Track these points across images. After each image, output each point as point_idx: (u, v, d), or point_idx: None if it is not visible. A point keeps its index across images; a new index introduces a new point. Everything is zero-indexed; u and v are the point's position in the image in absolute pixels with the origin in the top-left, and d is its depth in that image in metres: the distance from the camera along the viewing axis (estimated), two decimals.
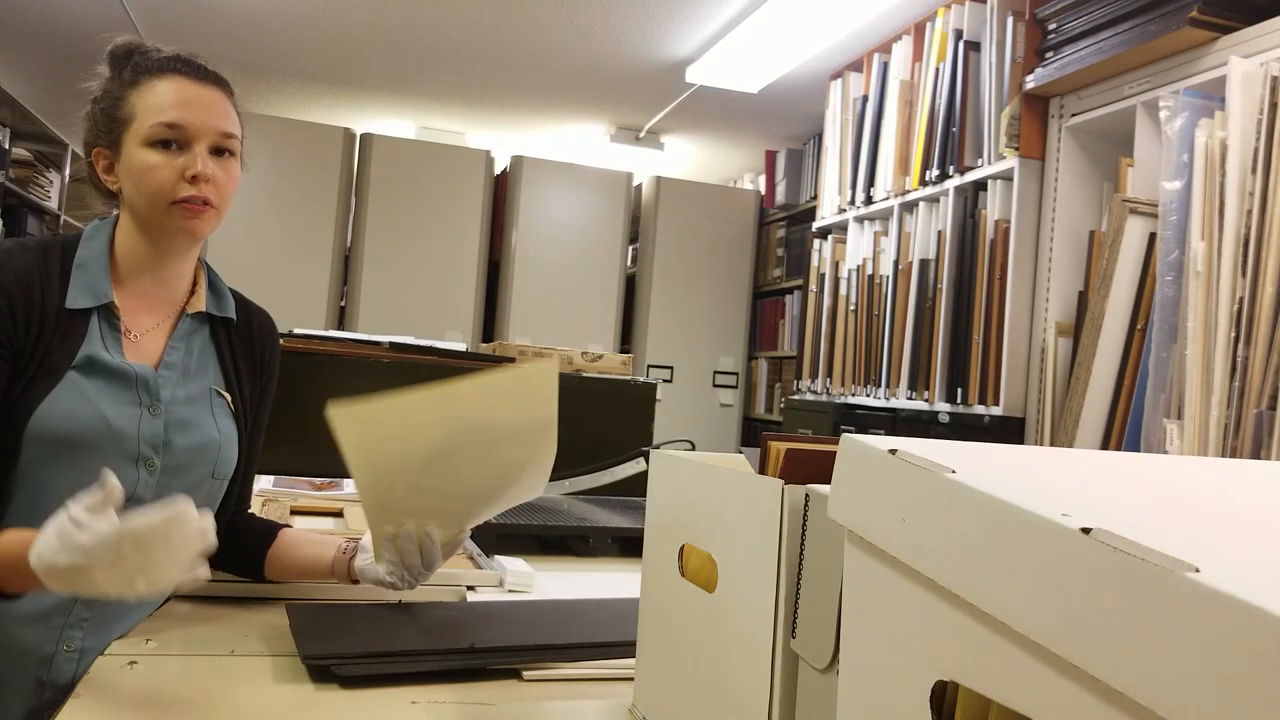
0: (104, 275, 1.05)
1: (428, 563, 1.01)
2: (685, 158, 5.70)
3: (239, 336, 1.16)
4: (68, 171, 5.08)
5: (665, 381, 4.85)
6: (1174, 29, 2.15)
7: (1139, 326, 2.21)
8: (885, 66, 3.44)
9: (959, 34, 2.97)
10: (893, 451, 0.48)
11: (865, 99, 3.52)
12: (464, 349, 2.36)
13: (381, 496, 0.96)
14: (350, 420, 0.86)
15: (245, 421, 1.14)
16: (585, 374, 2.26)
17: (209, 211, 1.06)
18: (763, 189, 5.22)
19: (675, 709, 0.73)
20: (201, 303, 1.13)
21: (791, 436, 0.67)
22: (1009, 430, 2.61)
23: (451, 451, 0.93)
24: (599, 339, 4.78)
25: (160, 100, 1.05)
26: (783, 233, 4.96)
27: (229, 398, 1.12)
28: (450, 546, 1.03)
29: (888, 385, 3.19)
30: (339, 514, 1.58)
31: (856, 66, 3.67)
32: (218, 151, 1.07)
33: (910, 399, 3.05)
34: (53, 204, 4.95)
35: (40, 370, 0.98)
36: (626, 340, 4.98)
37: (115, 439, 1.00)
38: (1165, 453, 2.02)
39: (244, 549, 1.13)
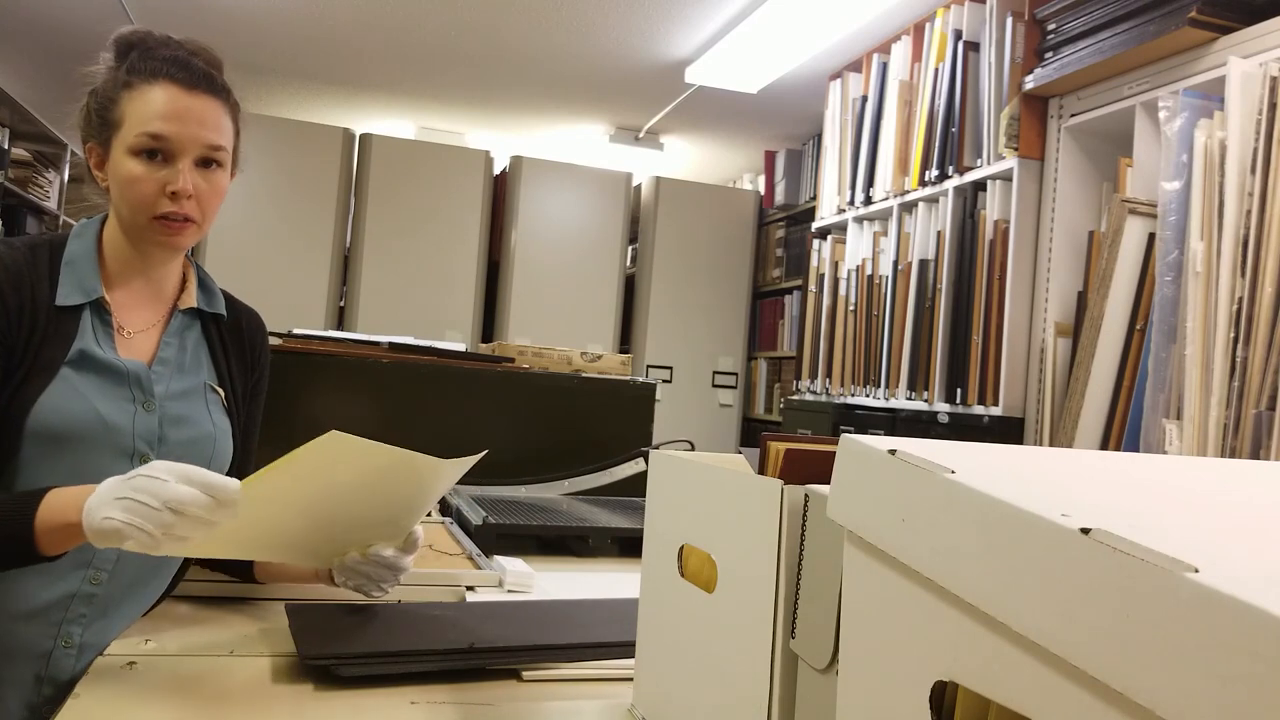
0: (93, 272, 1.05)
1: (390, 573, 1.02)
2: (685, 158, 5.70)
3: (230, 334, 1.17)
4: (67, 172, 5.08)
5: (665, 382, 4.85)
6: (1173, 29, 2.15)
7: (1138, 326, 2.21)
8: (884, 67, 3.44)
9: (958, 34, 2.97)
10: (892, 452, 0.47)
11: (864, 99, 3.52)
12: (463, 349, 2.36)
13: (310, 537, 0.97)
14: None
15: (238, 417, 1.15)
16: (585, 374, 2.26)
17: (190, 228, 1.06)
18: (762, 189, 5.22)
19: (675, 709, 0.73)
20: (192, 299, 1.13)
21: (791, 437, 0.67)
22: (1008, 431, 2.61)
23: (330, 503, 0.93)
24: (598, 339, 4.78)
25: (148, 109, 1.03)
26: (782, 233, 4.96)
27: (222, 393, 1.13)
28: (407, 547, 1.02)
29: (887, 385, 3.19)
30: None
31: (856, 67, 3.67)
32: (204, 163, 1.06)
33: (910, 399, 3.05)
34: (52, 204, 4.94)
35: (35, 367, 0.98)
36: (626, 340, 4.98)
37: (109, 434, 1.00)
38: (1165, 453, 2.02)
39: None
